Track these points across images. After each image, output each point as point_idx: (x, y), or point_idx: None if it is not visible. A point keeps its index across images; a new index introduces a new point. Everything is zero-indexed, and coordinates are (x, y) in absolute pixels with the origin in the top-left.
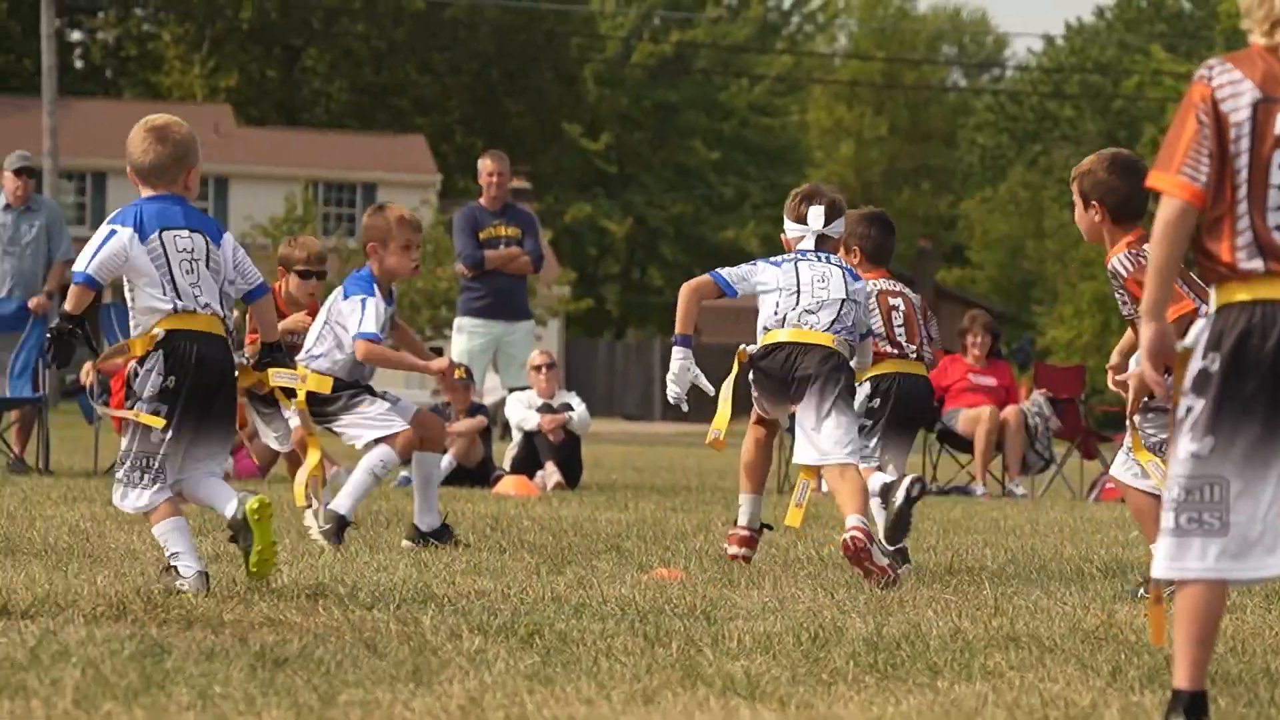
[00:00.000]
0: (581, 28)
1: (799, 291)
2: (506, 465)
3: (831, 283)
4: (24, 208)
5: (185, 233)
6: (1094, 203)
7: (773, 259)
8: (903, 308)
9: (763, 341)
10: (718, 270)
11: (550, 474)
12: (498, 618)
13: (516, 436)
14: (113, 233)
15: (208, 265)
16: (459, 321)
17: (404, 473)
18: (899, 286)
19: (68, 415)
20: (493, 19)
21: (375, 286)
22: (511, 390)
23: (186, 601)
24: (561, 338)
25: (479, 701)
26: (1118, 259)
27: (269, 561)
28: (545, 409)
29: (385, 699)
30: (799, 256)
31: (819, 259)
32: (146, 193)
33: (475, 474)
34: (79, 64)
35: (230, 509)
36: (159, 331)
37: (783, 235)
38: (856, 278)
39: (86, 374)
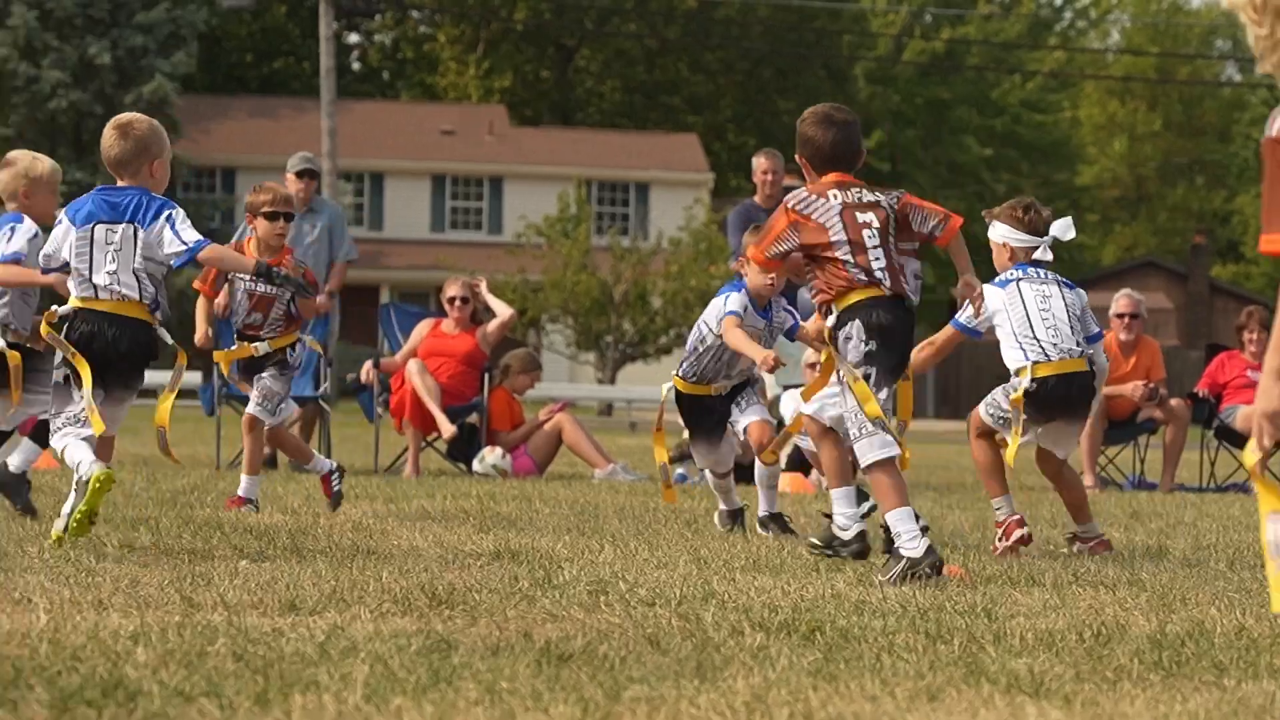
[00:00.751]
0: (853, 25)
1: (1029, 316)
2: (782, 463)
3: (1053, 301)
4: (306, 209)
5: (116, 225)
6: None
7: (995, 281)
8: (875, 224)
9: (1027, 374)
10: (956, 319)
11: None
12: (779, 614)
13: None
14: (59, 221)
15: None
16: None
17: (680, 470)
18: (870, 196)
19: (348, 414)
20: (765, 17)
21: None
22: (786, 388)
23: (471, 598)
24: None
25: (763, 698)
26: None
27: (85, 527)
28: None
29: (670, 695)
30: (1021, 275)
31: (1038, 275)
32: (119, 184)
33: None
34: (356, 66)
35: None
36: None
37: (995, 243)
38: (1072, 287)
39: (367, 373)
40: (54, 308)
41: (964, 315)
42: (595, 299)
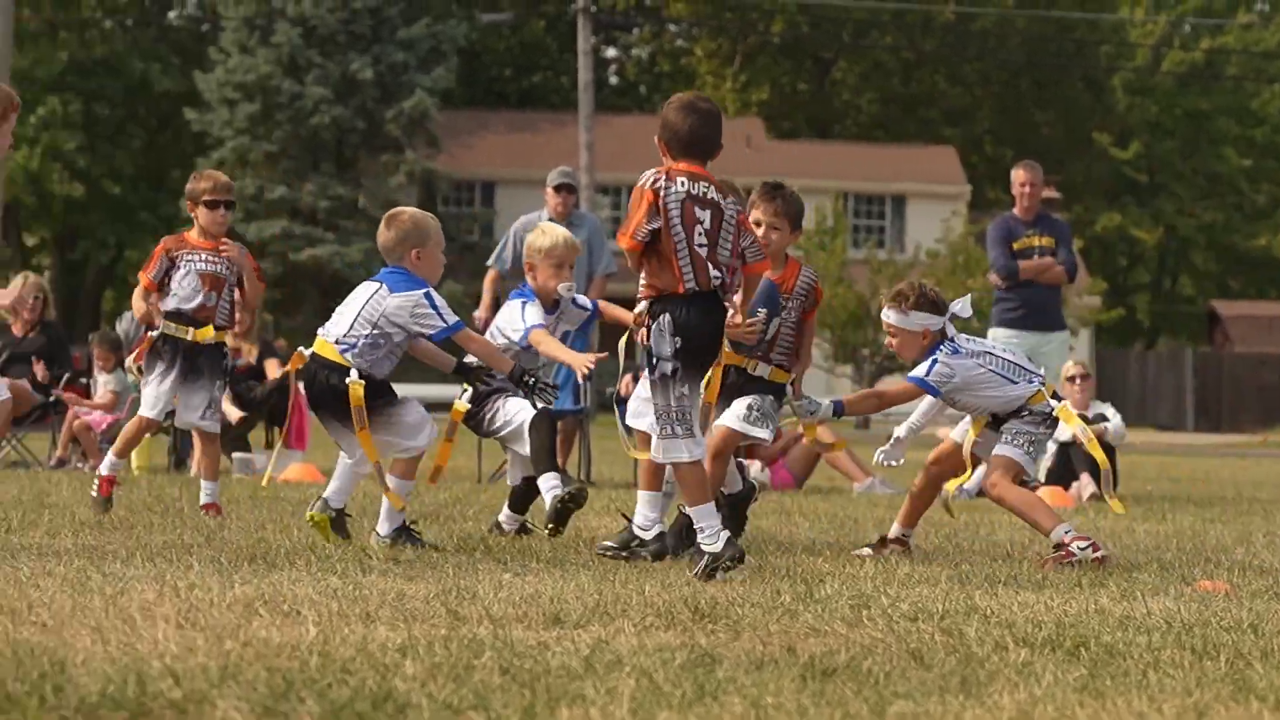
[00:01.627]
0: (1111, 36)
1: (1007, 355)
2: (1041, 476)
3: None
4: (566, 223)
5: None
6: None
7: (947, 352)
8: (707, 223)
9: (1045, 396)
10: (916, 375)
11: (1085, 485)
12: (1042, 629)
13: (1051, 447)
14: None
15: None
16: (993, 332)
17: (875, 478)
18: (714, 195)
19: (607, 426)
20: (1022, 28)
21: None
22: None
23: (734, 611)
24: (1092, 348)
25: (1029, 714)
26: None
27: None
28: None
29: (936, 711)
30: (962, 338)
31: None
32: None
33: None
34: (614, 80)
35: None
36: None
37: (913, 331)
38: None
39: (625, 386)
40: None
41: (923, 370)
42: (852, 312)
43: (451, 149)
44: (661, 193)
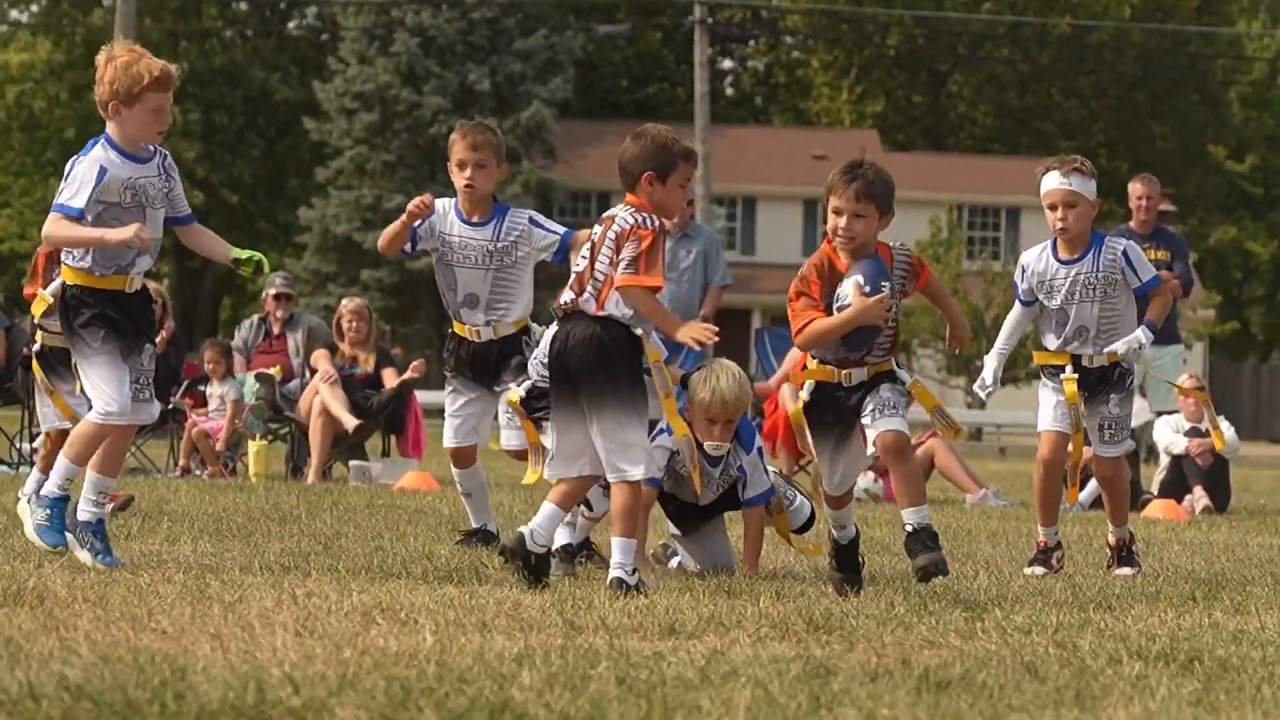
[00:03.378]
0: (1227, 49)
1: None
2: (1154, 489)
3: None
4: (681, 234)
5: None
6: None
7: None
8: (595, 237)
9: None
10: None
11: (1199, 498)
12: (1156, 643)
13: (1164, 460)
14: None
15: None
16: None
17: (989, 489)
18: (617, 212)
19: None
20: (1138, 41)
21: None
22: (1159, 414)
23: (848, 623)
24: (1206, 361)
25: None
26: None
27: None
28: (1193, 433)
29: None
30: None
31: None
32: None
33: None
34: (729, 91)
35: None
36: None
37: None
38: None
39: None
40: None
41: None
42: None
43: (568, 159)
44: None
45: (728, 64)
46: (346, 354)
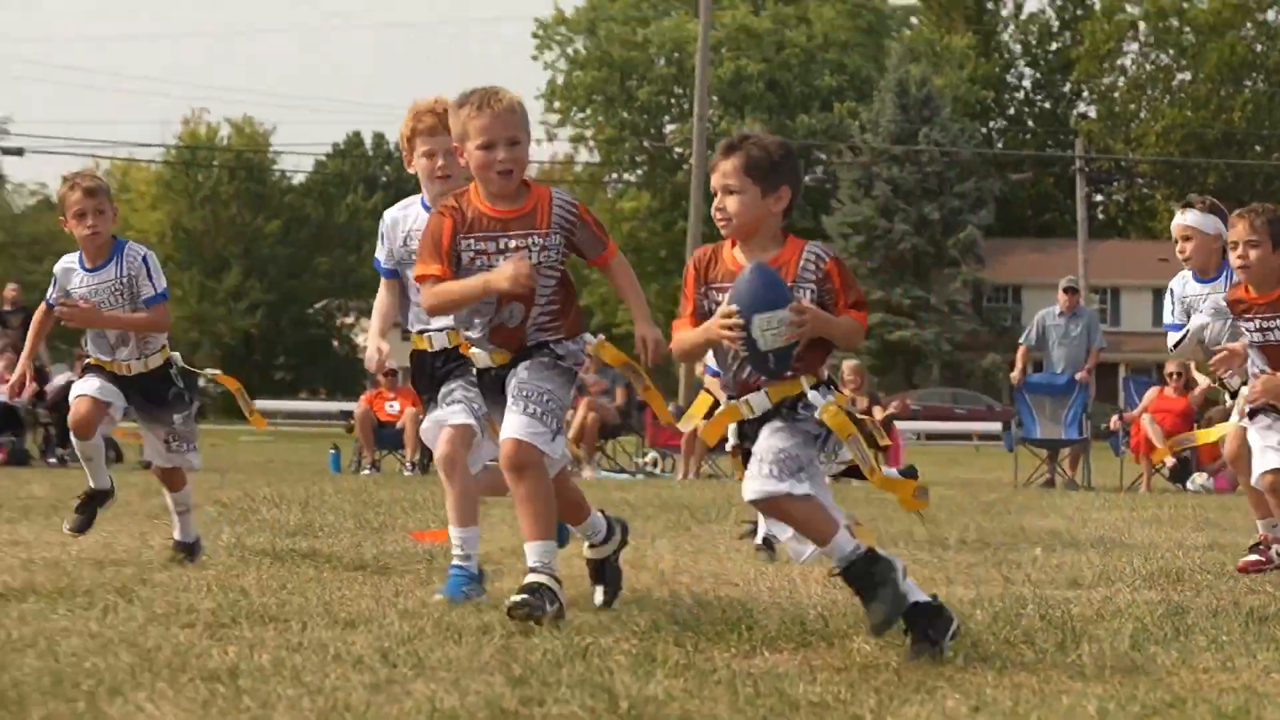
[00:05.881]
0: None
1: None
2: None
3: None
4: (1072, 314)
5: None
6: None
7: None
8: None
9: None
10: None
11: None
12: None
13: None
14: None
15: None
16: None
17: None
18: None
19: (1099, 448)
20: None
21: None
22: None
23: (1196, 577)
24: None
25: None
26: None
27: None
28: None
29: None
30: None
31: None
32: None
33: None
34: (1100, 216)
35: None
36: None
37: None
38: None
39: (1114, 422)
40: None
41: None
42: None
43: (992, 264)
44: None
45: (1099, 197)
46: None
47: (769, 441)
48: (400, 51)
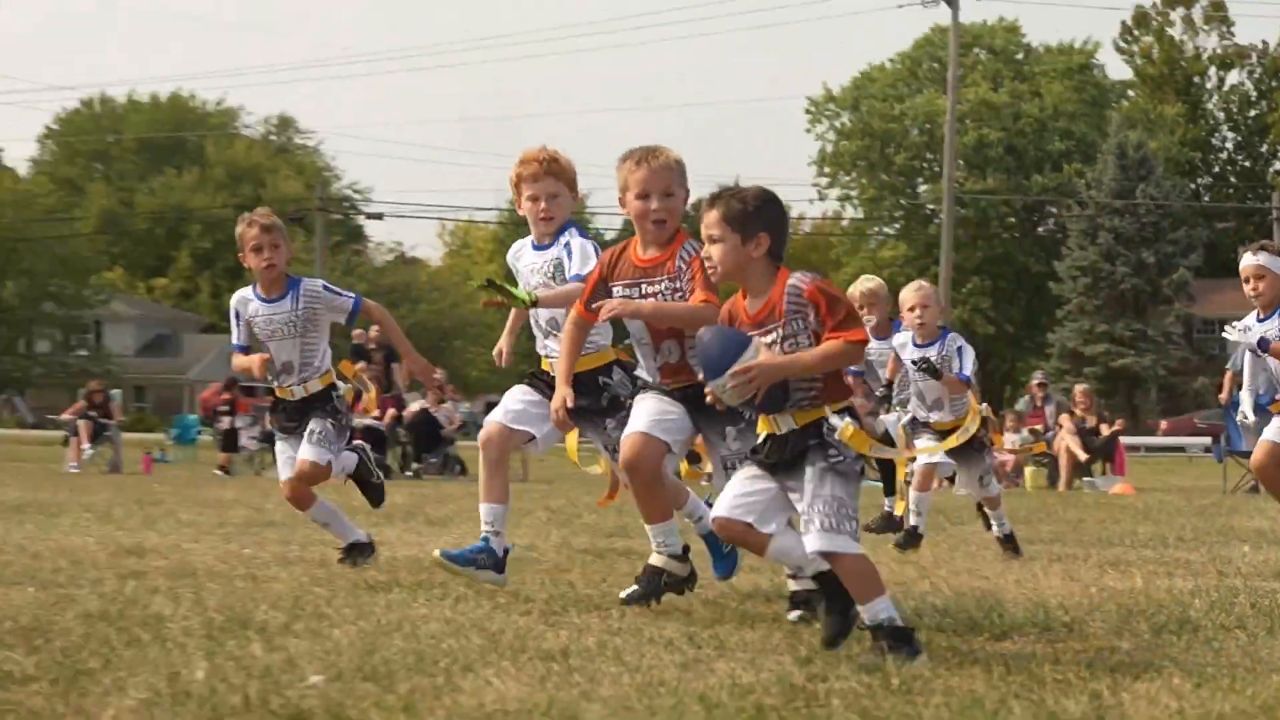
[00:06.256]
0: None
1: None
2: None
3: None
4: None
5: None
6: None
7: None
8: None
9: None
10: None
11: None
12: None
13: None
14: None
15: None
16: None
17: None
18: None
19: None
20: None
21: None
22: None
23: None
24: None
25: None
26: None
27: None
28: None
29: None
30: None
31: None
32: None
33: None
34: None
35: None
36: None
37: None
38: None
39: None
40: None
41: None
42: None
43: (1201, 301)
44: None
45: None
46: None
47: (828, 491)
48: (701, 127)
